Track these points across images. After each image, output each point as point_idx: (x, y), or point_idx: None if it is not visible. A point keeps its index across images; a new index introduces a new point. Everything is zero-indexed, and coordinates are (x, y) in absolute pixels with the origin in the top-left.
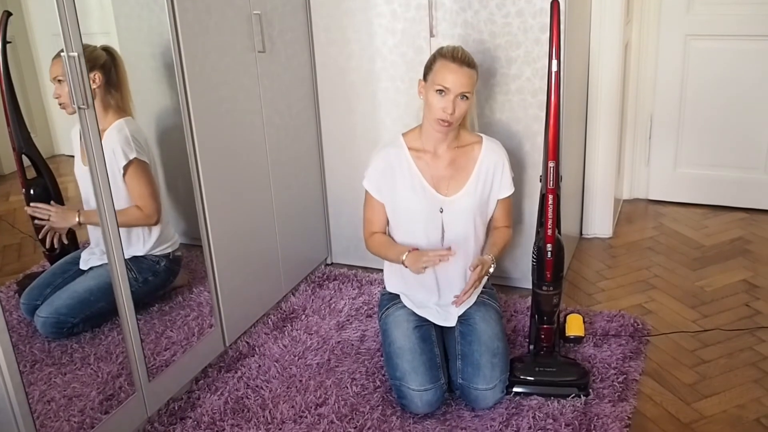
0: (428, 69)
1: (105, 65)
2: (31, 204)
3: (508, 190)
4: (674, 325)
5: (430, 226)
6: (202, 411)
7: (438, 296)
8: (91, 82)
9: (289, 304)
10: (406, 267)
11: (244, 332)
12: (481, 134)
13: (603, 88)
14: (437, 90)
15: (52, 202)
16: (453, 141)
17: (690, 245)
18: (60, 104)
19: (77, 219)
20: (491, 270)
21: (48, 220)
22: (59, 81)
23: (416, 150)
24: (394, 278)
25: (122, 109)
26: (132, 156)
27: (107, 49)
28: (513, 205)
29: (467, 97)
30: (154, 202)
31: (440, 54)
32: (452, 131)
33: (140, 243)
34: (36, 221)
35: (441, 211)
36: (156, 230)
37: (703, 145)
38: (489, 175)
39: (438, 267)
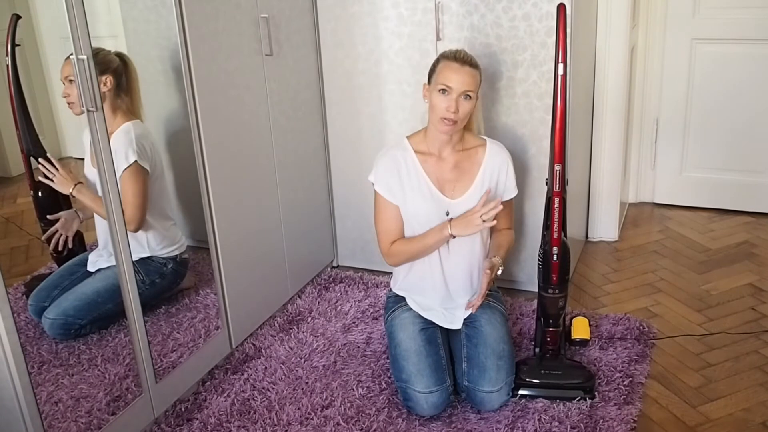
0: (432, 72)
1: (117, 70)
2: (42, 159)
3: (512, 192)
4: (680, 328)
5: None
6: (208, 412)
7: (446, 294)
8: (103, 85)
9: (295, 306)
10: (455, 237)
11: (251, 334)
12: (485, 137)
13: (609, 92)
14: (440, 90)
15: (59, 168)
16: (457, 144)
17: (696, 249)
18: (68, 103)
19: (71, 189)
20: (499, 272)
21: (50, 179)
22: (70, 81)
23: (421, 153)
24: (404, 280)
25: (131, 112)
26: (132, 159)
27: (120, 55)
28: (519, 207)
29: (470, 97)
30: (139, 211)
31: (443, 56)
32: (457, 133)
33: (147, 245)
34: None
35: (447, 214)
36: (163, 236)
37: (709, 148)
38: (493, 177)
39: (445, 269)
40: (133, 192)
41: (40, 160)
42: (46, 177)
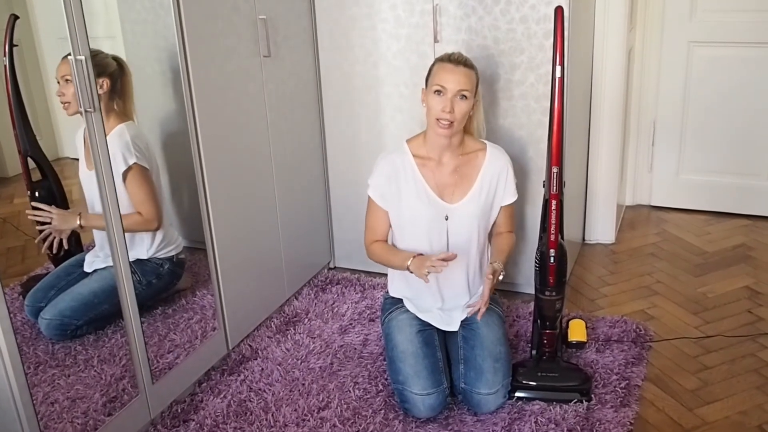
0: (428, 75)
1: (114, 74)
2: (33, 205)
3: (512, 196)
4: (676, 331)
5: (435, 233)
6: (205, 414)
7: (442, 302)
8: (99, 87)
9: (292, 307)
10: (411, 272)
11: (247, 335)
12: (485, 141)
13: (606, 94)
14: (435, 91)
15: (52, 205)
16: (457, 148)
17: (692, 251)
18: (63, 103)
19: (78, 222)
20: (501, 277)
21: (50, 223)
22: (66, 80)
23: (421, 157)
24: (399, 283)
25: (124, 114)
26: (131, 161)
27: (117, 59)
28: (516, 210)
29: (466, 97)
30: (154, 208)
31: (438, 59)
32: (456, 137)
33: (144, 246)
34: (38, 226)
35: (446, 219)
36: (159, 233)
37: (706, 151)
38: (493, 182)
39: (441, 273)
40: (144, 191)
41: (27, 212)
42: (46, 222)
